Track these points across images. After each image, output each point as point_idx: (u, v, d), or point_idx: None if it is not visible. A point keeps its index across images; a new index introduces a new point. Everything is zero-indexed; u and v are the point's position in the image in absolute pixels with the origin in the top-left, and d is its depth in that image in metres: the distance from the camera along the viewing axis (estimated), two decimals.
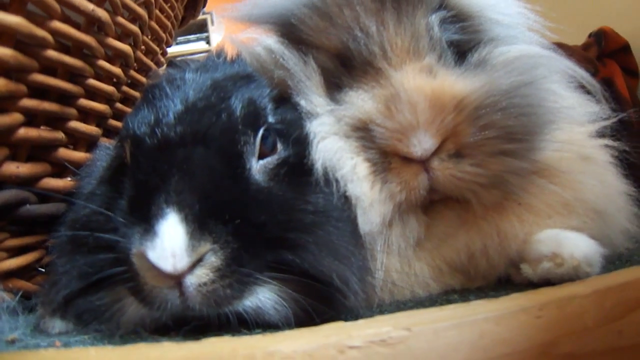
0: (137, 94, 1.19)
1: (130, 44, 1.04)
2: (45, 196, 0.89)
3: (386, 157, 0.75)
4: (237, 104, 0.73)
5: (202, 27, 5.51)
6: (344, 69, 0.80)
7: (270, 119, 0.77)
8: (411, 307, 0.68)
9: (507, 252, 0.77)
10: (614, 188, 0.84)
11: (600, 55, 1.96)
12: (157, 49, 1.20)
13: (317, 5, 0.79)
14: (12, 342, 0.65)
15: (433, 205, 0.78)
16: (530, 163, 0.76)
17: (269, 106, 0.78)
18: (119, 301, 0.67)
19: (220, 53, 0.92)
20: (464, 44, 0.82)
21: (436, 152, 0.72)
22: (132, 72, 1.12)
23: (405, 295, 0.78)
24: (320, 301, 0.65)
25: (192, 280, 0.60)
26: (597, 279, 0.64)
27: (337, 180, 0.73)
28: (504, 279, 0.80)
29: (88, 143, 0.98)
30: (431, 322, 0.54)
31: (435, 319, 0.55)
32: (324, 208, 0.71)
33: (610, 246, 0.80)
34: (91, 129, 0.97)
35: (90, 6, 0.84)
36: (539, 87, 0.77)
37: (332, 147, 0.75)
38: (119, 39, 0.99)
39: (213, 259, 0.61)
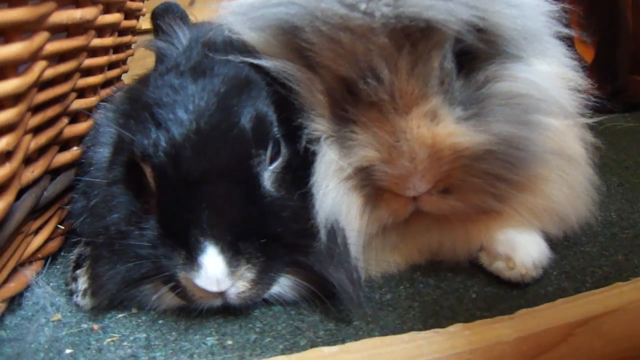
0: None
1: None
2: (54, 172, 0.95)
3: (379, 191, 0.81)
4: (248, 125, 0.78)
5: None
6: (350, 96, 0.79)
7: (277, 132, 0.83)
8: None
9: (470, 249, 0.90)
10: (584, 187, 0.90)
11: None
12: None
13: (327, 32, 0.74)
14: (58, 322, 0.85)
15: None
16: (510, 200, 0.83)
17: (275, 117, 0.83)
18: (157, 292, 0.83)
19: (210, 45, 0.89)
20: (475, 52, 0.79)
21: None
22: None
23: (377, 275, 0.93)
24: (322, 292, 0.82)
25: (232, 291, 0.77)
26: (522, 323, 0.76)
27: (337, 229, 0.79)
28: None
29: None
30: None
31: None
32: None
33: (564, 237, 0.93)
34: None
35: None
36: (538, 136, 0.79)
37: (333, 202, 0.79)
38: None
39: (248, 274, 0.77)
